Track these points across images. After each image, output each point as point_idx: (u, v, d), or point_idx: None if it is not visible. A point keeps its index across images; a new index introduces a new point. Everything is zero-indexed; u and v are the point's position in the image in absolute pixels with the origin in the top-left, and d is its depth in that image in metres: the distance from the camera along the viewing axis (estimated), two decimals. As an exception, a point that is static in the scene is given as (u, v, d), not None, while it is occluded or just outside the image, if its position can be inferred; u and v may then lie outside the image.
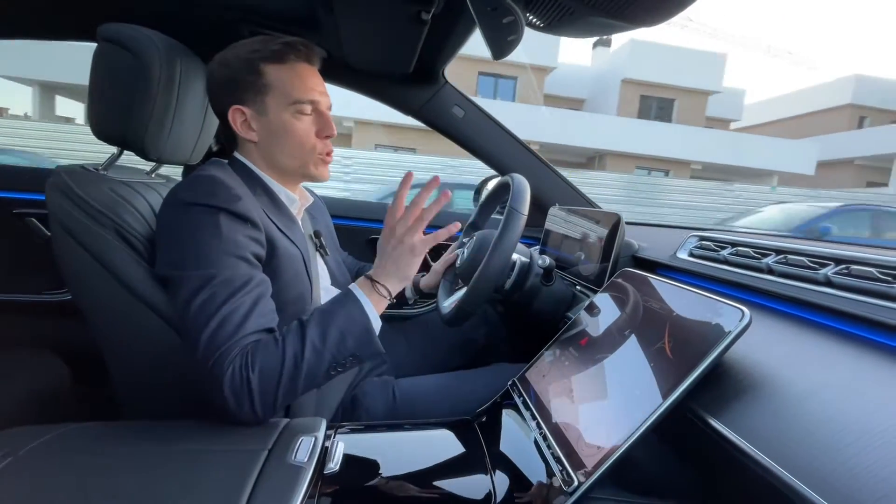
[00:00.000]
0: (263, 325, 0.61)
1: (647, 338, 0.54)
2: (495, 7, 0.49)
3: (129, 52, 0.70)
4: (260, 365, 0.57)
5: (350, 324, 0.62)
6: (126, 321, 0.67)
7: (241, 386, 0.56)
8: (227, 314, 0.58)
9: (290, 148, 0.75)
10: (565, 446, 0.52)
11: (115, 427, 0.61)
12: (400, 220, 0.65)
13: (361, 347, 0.62)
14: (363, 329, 0.62)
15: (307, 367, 0.58)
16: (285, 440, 0.56)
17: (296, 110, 0.73)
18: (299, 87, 0.72)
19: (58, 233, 0.66)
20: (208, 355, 0.56)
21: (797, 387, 0.42)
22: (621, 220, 0.86)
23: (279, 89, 0.72)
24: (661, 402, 0.45)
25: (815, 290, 0.52)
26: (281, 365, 0.57)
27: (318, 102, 0.74)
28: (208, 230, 0.62)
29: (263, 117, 0.73)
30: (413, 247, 0.65)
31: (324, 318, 0.62)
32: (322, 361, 0.60)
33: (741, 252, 0.65)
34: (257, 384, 0.56)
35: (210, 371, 0.56)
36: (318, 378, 0.60)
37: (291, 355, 0.58)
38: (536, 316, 0.94)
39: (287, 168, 0.77)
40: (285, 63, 0.72)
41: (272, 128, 0.73)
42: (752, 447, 0.38)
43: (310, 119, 0.75)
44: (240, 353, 0.57)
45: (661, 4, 0.50)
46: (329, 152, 0.78)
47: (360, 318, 0.62)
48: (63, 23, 1.06)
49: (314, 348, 0.59)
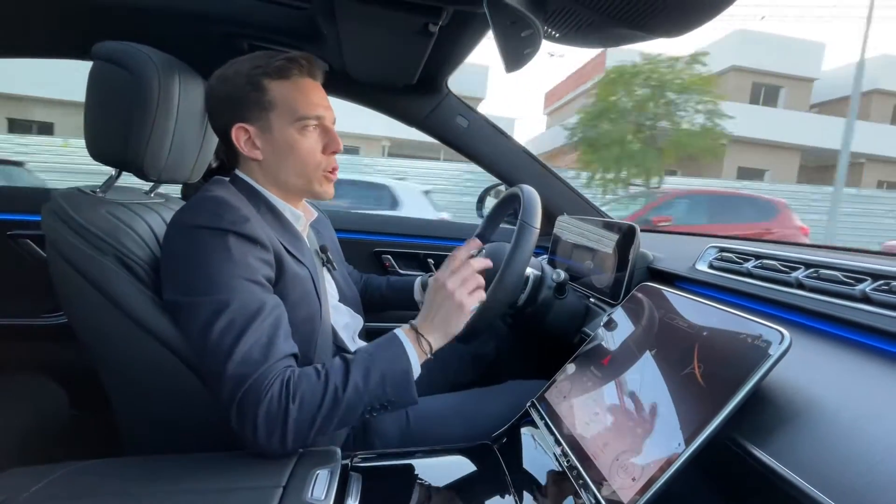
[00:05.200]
0: (289, 349, 0.60)
1: (675, 360, 0.52)
2: (515, 21, 0.47)
3: (126, 70, 0.67)
4: (301, 395, 0.56)
5: (392, 369, 0.61)
6: (128, 350, 0.64)
7: (277, 414, 0.54)
8: (253, 340, 0.56)
9: (295, 165, 0.73)
10: (597, 476, 0.49)
11: (118, 465, 0.58)
12: (454, 275, 0.66)
13: (399, 394, 0.61)
14: (404, 376, 0.61)
15: (346, 404, 0.57)
16: (300, 475, 0.53)
17: (301, 126, 0.71)
18: (303, 102, 0.71)
19: (55, 260, 0.63)
20: (238, 384, 0.54)
21: (846, 414, 0.40)
22: (637, 229, 0.84)
23: (283, 106, 0.70)
24: (699, 433, 0.43)
25: (852, 306, 0.50)
26: (322, 398, 0.56)
27: (323, 118, 0.73)
28: (218, 254, 0.60)
29: (268, 135, 0.71)
30: (461, 303, 0.65)
31: (368, 359, 0.61)
32: (360, 402, 0.58)
33: (767, 265, 0.63)
34: (296, 414, 0.55)
35: (241, 400, 0.54)
36: (352, 418, 0.59)
37: (332, 390, 0.57)
38: (550, 330, 0.92)
39: (292, 186, 0.75)
40: (288, 79, 0.70)
41: (277, 145, 0.71)
42: (806, 482, 0.36)
43: (315, 135, 0.73)
44: (278, 379, 0.56)
45: (683, 16, 0.48)
46: (334, 169, 0.76)
47: (402, 365, 0.62)
48: (57, 42, 1.04)
49: (356, 387, 0.58)
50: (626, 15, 0.47)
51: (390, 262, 1.38)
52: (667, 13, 0.47)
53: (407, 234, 1.39)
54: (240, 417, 0.55)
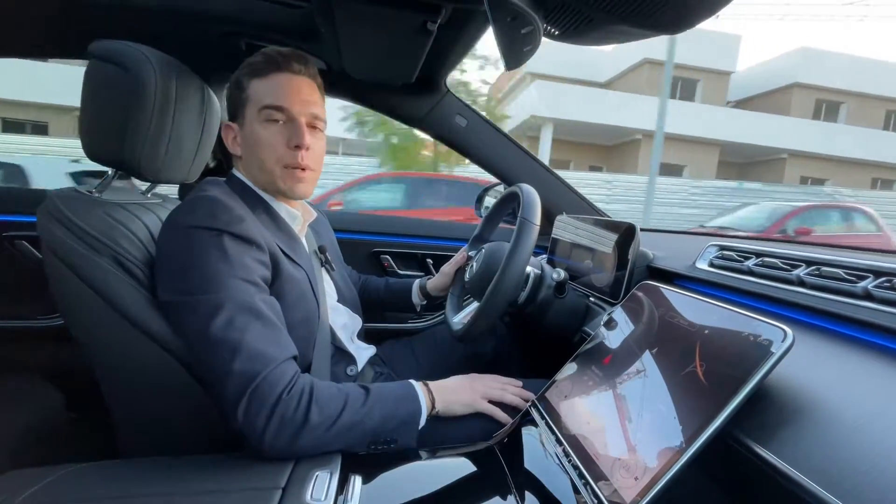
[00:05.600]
0: (292, 349, 0.61)
1: (677, 359, 0.52)
2: (515, 17, 0.46)
3: (123, 69, 0.67)
4: (324, 403, 0.57)
5: (404, 407, 0.64)
6: (125, 351, 0.64)
7: (295, 415, 0.55)
8: (259, 337, 0.57)
9: (258, 160, 0.72)
10: (599, 476, 0.49)
11: (117, 467, 0.57)
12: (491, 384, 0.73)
13: (403, 434, 0.63)
14: (412, 418, 0.64)
15: (361, 425, 0.59)
16: (300, 476, 0.53)
17: (265, 117, 0.70)
18: (270, 94, 0.70)
19: (51, 261, 0.63)
20: (247, 380, 0.54)
21: (850, 412, 0.40)
22: (636, 228, 0.84)
23: (254, 99, 0.71)
24: (701, 431, 0.42)
25: (855, 303, 0.50)
26: (341, 410, 0.58)
27: (289, 110, 0.70)
28: (213, 254, 0.59)
29: (242, 130, 0.73)
30: (473, 400, 0.71)
31: (385, 391, 0.64)
32: (371, 428, 0.60)
33: (768, 263, 0.63)
34: (316, 419, 0.56)
35: (251, 397, 0.54)
36: (359, 443, 0.60)
37: (352, 406, 0.59)
38: (549, 329, 0.91)
39: (263, 182, 0.74)
40: (265, 76, 0.71)
41: (247, 140, 0.73)
42: (809, 480, 0.36)
43: (278, 127, 0.71)
44: (300, 381, 0.57)
45: (684, 13, 0.48)
46: (303, 167, 0.72)
47: (413, 407, 0.65)
48: (53, 41, 1.03)
49: (370, 411, 0.60)
50: (627, 12, 0.47)
51: (389, 263, 1.37)
52: (667, 10, 0.47)
53: (406, 235, 1.38)
54: (248, 414, 0.54)
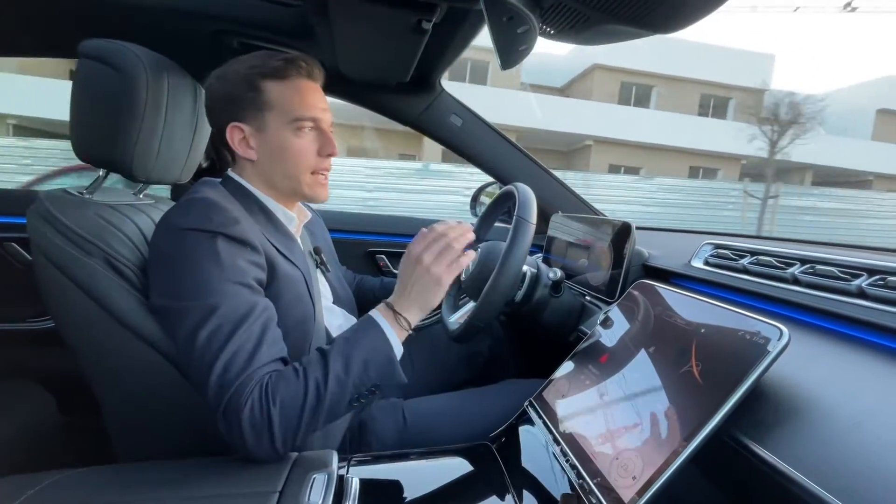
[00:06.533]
0: (276, 354, 0.59)
1: (673, 358, 0.52)
2: (511, 17, 0.46)
3: (114, 68, 0.66)
4: (281, 397, 0.54)
5: (373, 353, 0.59)
6: (117, 354, 0.63)
7: (261, 421, 0.53)
8: (238, 347, 0.55)
9: (287, 167, 0.72)
10: (596, 475, 0.49)
11: (111, 472, 0.56)
12: (427, 249, 0.63)
13: (384, 377, 0.59)
14: (386, 358, 0.60)
15: (330, 398, 0.56)
16: (297, 479, 0.53)
17: (297, 128, 0.70)
18: (300, 104, 0.70)
19: (41, 263, 0.62)
20: (222, 392, 0.54)
21: (845, 410, 0.40)
22: (632, 227, 0.84)
23: (280, 106, 0.69)
24: (699, 430, 0.43)
25: (849, 301, 0.51)
26: (304, 397, 0.55)
27: (319, 120, 0.72)
28: (206, 257, 0.59)
29: (262, 134, 0.70)
30: (439, 278, 0.62)
31: (346, 347, 0.59)
32: (345, 393, 0.57)
33: (763, 261, 0.63)
34: (279, 418, 0.53)
35: (225, 408, 0.53)
36: (340, 410, 0.57)
37: (314, 386, 0.55)
38: (545, 329, 0.92)
39: (284, 188, 0.75)
40: (286, 80, 0.70)
41: (271, 146, 0.71)
42: (805, 477, 0.36)
43: (310, 136, 0.72)
44: (258, 385, 0.54)
45: (679, 11, 0.48)
46: (326, 170, 0.75)
47: (382, 347, 0.60)
48: (41, 40, 1.01)
49: (337, 379, 0.56)
50: (622, 11, 0.47)
51: (385, 262, 1.37)
52: (664, 9, 0.47)
53: (401, 234, 1.38)
54: (226, 425, 0.54)
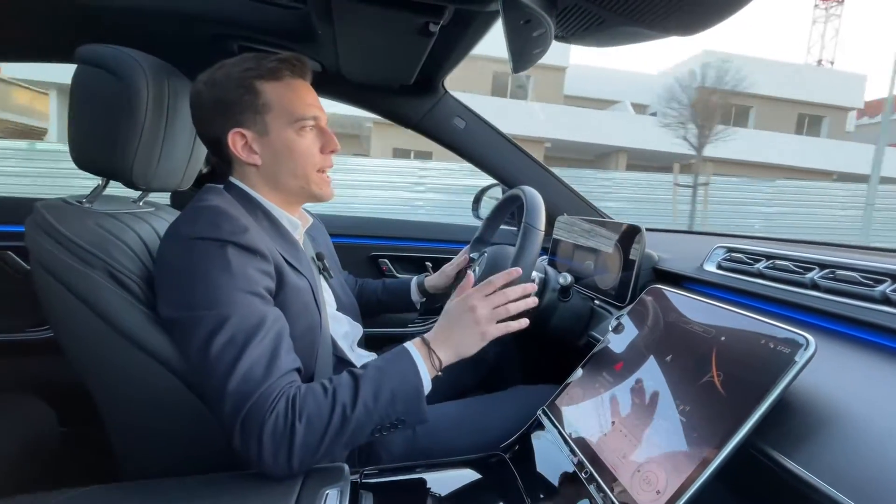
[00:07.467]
0: (291, 364, 0.58)
1: (692, 367, 0.51)
2: (528, 20, 0.45)
3: (113, 74, 0.64)
4: (308, 413, 0.53)
5: (403, 384, 0.58)
6: (120, 367, 0.61)
7: (283, 433, 0.52)
8: (255, 357, 0.54)
9: (294, 167, 0.71)
10: (618, 489, 0.48)
11: (119, 491, 0.55)
12: (484, 302, 0.63)
13: (410, 412, 0.58)
14: (415, 392, 0.59)
15: (355, 423, 0.54)
16: (309, 495, 0.51)
17: (299, 127, 0.70)
18: (299, 104, 0.70)
19: (40, 274, 0.60)
20: (240, 402, 0.52)
21: (876, 421, 0.39)
22: (643, 230, 0.83)
23: (280, 107, 0.68)
24: (725, 443, 0.41)
25: (872, 308, 0.49)
26: (329, 417, 0.54)
27: (318, 118, 0.72)
28: (217, 266, 0.57)
29: (265, 138, 0.69)
30: (485, 333, 0.63)
31: (377, 375, 0.58)
32: (370, 421, 0.56)
33: (779, 265, 0.62)
34: (302, 434, 0.52)
35: (244, 419, 0.52)
36: (361, 438, 0.56)
37: (341, 409, 0.54)
38: (554, 333, 0.90)
39: (292, 189, 0.73)
40: (281, 80, 0.69)
41: (276, 148, 0.70)
42: (842, 494, 0.35)
43: (312, 135, 0.72)
44: (282, 397, 0.53)
45: (699, 15, 0.46)
46: (330, 168, 0.76)
47: (413, 380, 0.59)
48: (38, 44, 0.99)
49: (365, 406, 0.55)
50: (639, 14, 0.46)
51: (387, 266, 1.35)
52: (682, 12, 0.46)
53: (404, 238, 1.37)
54: (243, 437, 0.52)
